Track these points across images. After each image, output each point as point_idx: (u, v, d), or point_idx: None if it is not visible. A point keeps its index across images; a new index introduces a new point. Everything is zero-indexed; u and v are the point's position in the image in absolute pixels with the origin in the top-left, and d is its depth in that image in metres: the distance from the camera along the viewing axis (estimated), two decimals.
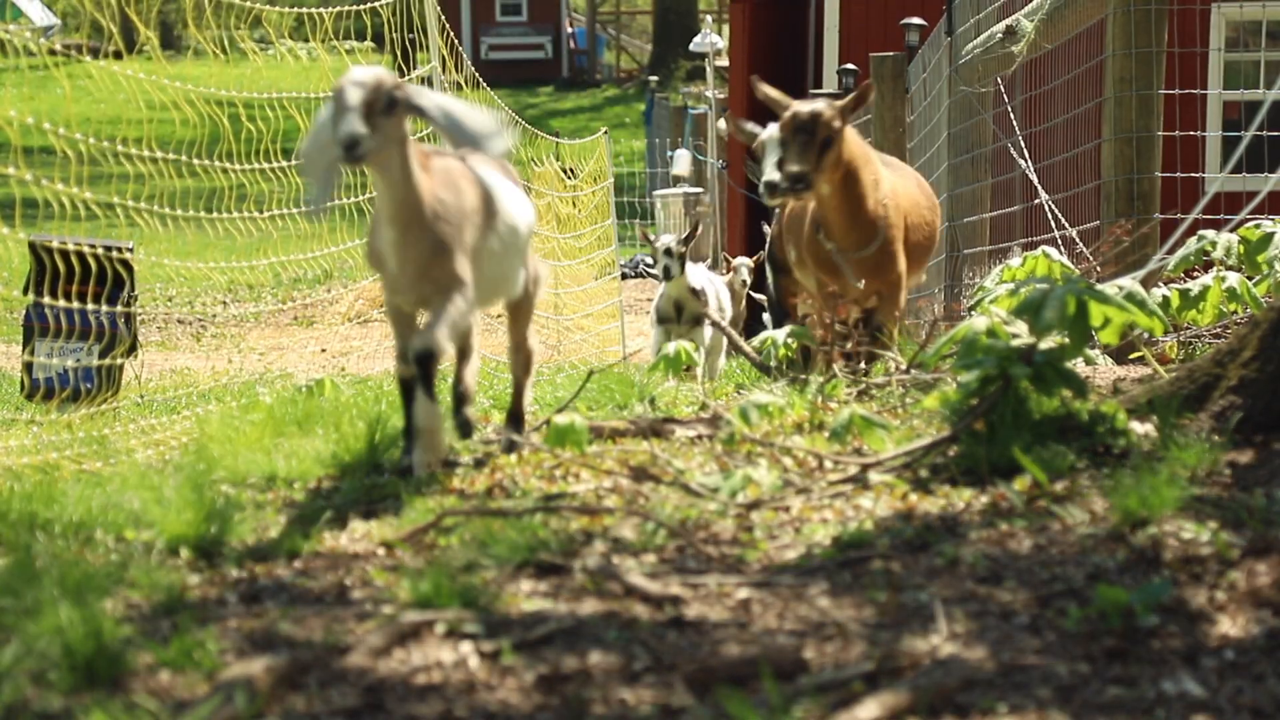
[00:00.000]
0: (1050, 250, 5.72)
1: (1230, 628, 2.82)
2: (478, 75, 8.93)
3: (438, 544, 3.41)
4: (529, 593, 3.10)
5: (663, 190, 22.14)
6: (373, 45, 9.45)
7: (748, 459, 3.96)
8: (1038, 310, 3.79)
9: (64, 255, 5.92)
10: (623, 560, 3.25)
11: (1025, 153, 8.44)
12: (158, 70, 6.01)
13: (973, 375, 3.76)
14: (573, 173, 13.97)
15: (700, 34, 23.13)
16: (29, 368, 6.47)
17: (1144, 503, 3.23)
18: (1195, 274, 5.63)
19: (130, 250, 6.34)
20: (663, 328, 9.12)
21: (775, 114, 5.43)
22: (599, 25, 42.81)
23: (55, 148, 5.34)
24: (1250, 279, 5.46)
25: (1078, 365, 5.31)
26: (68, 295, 5.98)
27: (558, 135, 15.44)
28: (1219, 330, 6.12)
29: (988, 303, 4.55)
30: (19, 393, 6.91)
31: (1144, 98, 6.42)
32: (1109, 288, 3.93)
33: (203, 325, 15.19)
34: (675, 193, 21.42)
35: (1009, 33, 7.85)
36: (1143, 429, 3.81)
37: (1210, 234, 5.64)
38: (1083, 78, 8.14)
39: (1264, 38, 11.13)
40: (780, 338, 5.43)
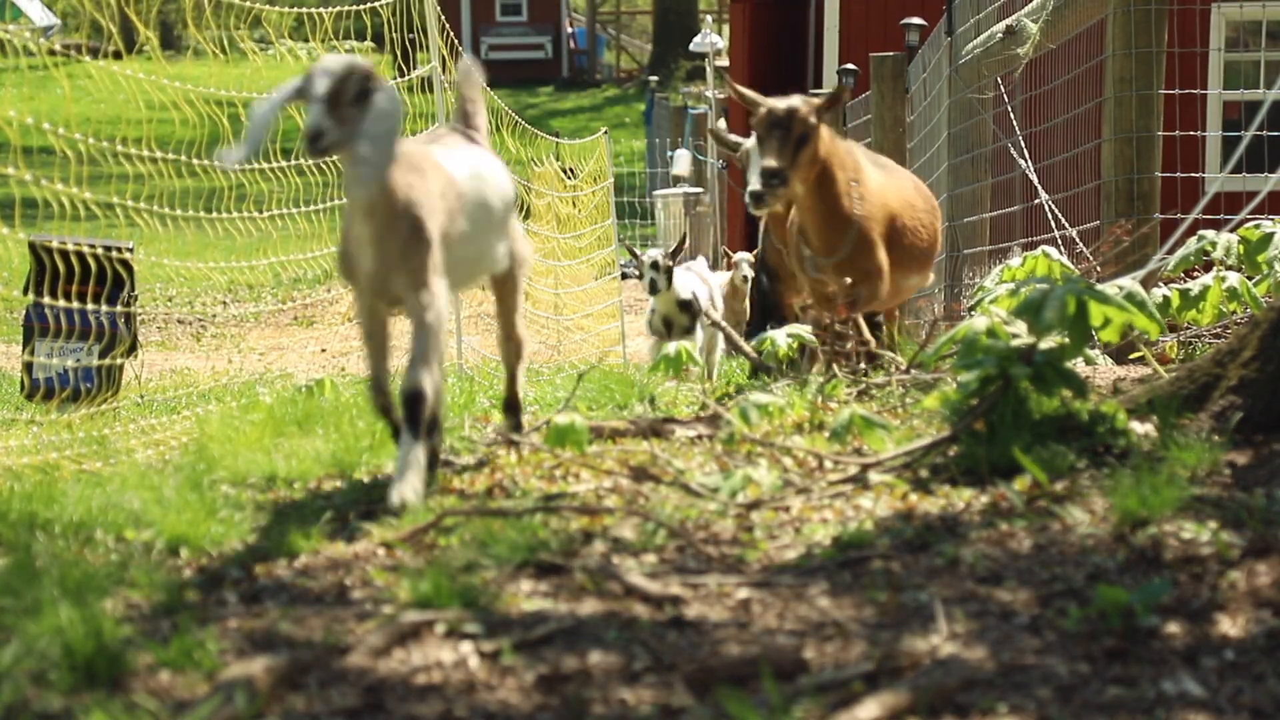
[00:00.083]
0: (1050, 250, 5.71)
1: (1230, 628, 2.82)
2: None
3: (438, 544, 3.41)
4: (529, 593, 3.10)
5: (663, 190, 22.14)
6: (373, 45, 9.44)
7: (748, 459, 3.96)
8: (1038, 310, 3.79)
9: (64, 255, 5.92)
10: (623, 560, 3.25)
11: (1025, 153, 8.44)
12: (158, 70, 6.01)
13: (973, 375, 3.76)
14: (573, 173, 13.98)
15: (700, 34, 23.14)
16: (29, 368, 6.47)
17: (1144, 503, 3.23)
18: (1195, 274, 5.63)
19: (130, 250, 6.34)
20: (654, 341, 9.14)
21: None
22: (599, 25, 42.81)
23: (55, 148, 5.34)
24: (1250, 279, 5.46)
25: (1078, 365, 5.31)
26: (68, 295, 5.98)
27: (558, 135, 15.45)
28: (1219, 330, 6.12)
29: (988, 303, 4.55)
30: (19, 393, 6.91)
31: (1144, 98, 6.42)
32: (1109, 288, 3.93)
33: (203, 325, 15.19)
34: (675, 193, 21.41)
35: (1009, 33, 7.85)
36: (1143, 429, 3.81)
37: (1210, 234, 5.64)
38: (1083, 78, 8.14)
39: (1264, 38, 11.13)
40: (780, 338, 5.43)
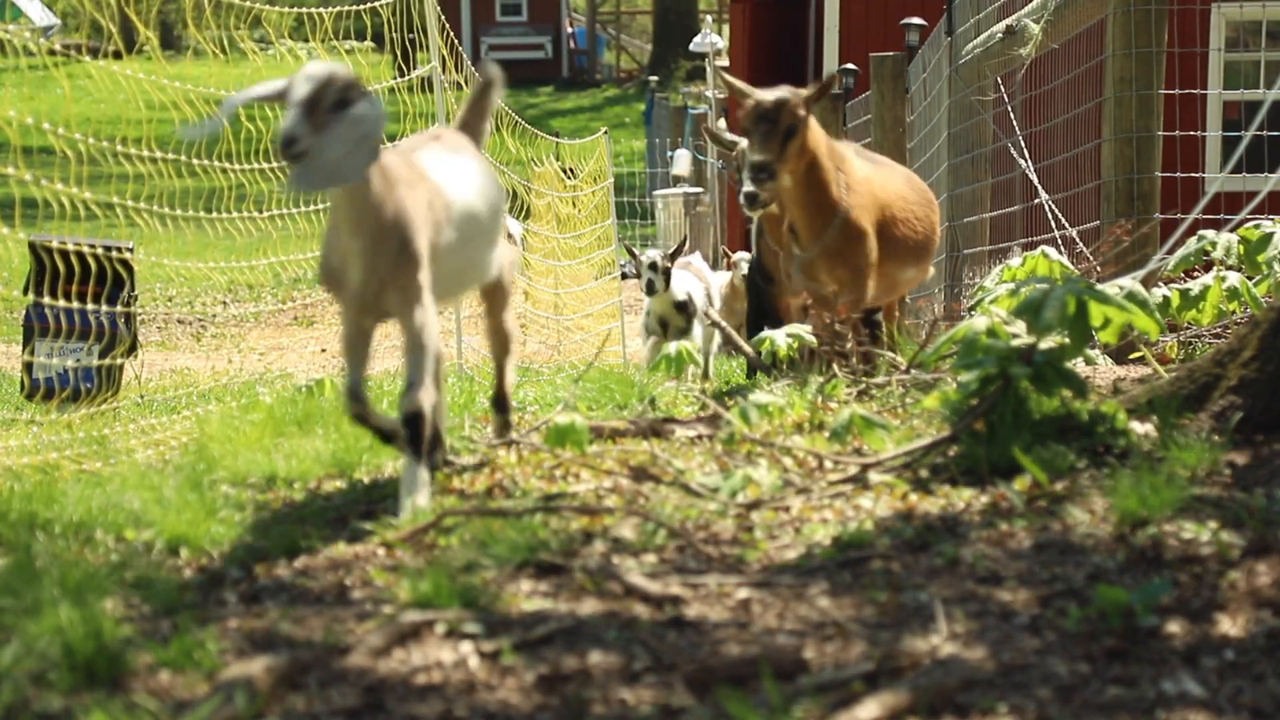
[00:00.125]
0: (1050, 250, 5.71)
1: (1230, 628, 2.81)
2: (478, 75, 8.90)
3: (438, 544, 3.41)
4: (529, 593, 3.10)
5: (663, 190, 22.14)
6: (373, 45, 9.44)
7: (748, 459, 3.96)
8: (1038, 310, 3.79)
9: (64, 255, 5.92)
10: (623, 560, 3.25)
11: (1025, 153, 8.44)
12: (158, 70, 6.01)
13: (973, 375, 3.76)
14: (573, 173, 13.98)
15: (700, 34, 23.12)
16: (29, 368, 6.47)
17: (1144, 503, 3.23)
18: (1195, 274, 5.63)
19: (130, 250, 6.34)
20: (652, 341, 9.11)
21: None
22: (599, 25, 42.81)
23: (55, 148, 5.34)
24: (1250, 279, 5.46)
25: (1078, 365, 5.31)
26: (68, 295, 5.98)
27: (558, 135, 15.44)
28: (1219, 330, 6.12)
29: (988, 303, 4.54)
30: (19, 393, 6.91)
31: (1144, 98, 6.42)
32: (1109, 288, 3.93)
33: (203, 325, 15.18)
34: (675, 193, 21.41)
35: (1009, 33, 7.85)
36: (1143, 429, 3.81)
37: (1210, 234, 5.64)
38: (1083, 78, 8.14)
39: (1264, 38, 11.13)
40: (780, 338, 5.43)
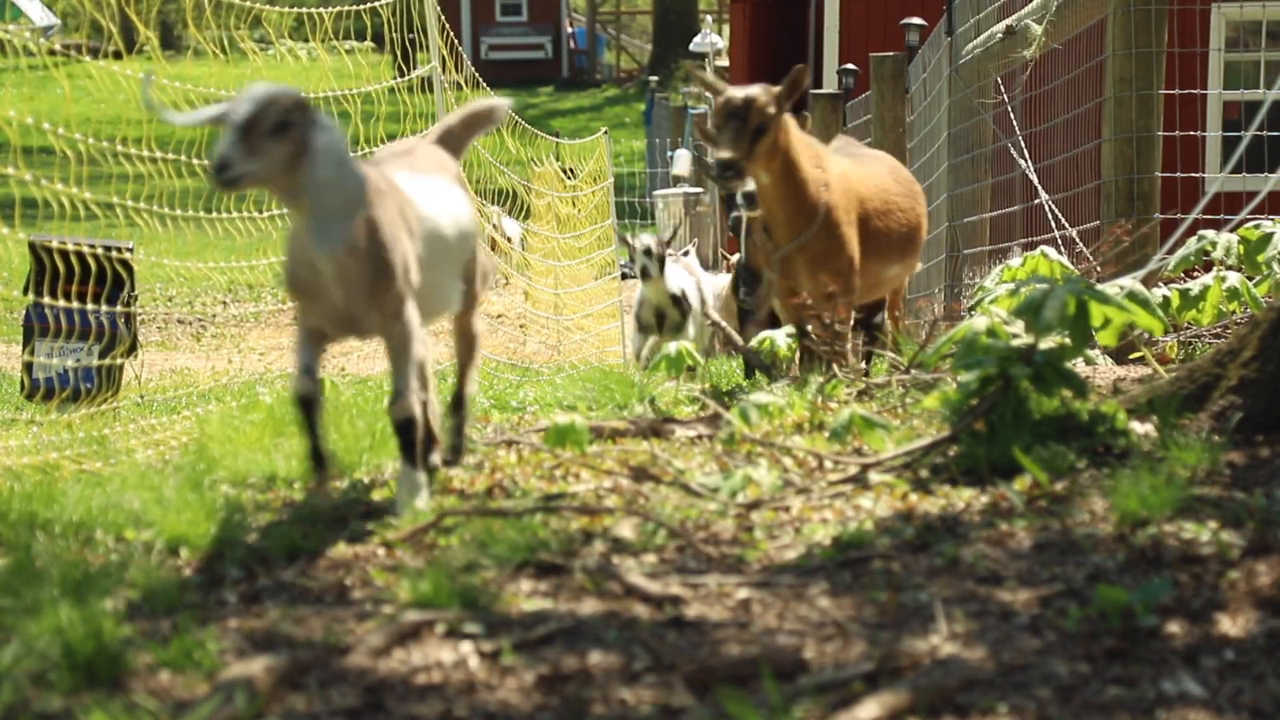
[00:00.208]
0: (1050, 250, 5.71)
1: (1230, 628, 2.81)
2: (478, 75, 8.92)
3: (438, 544, 3.41)
4: (529, 593, 3.10)
5: (663, 190, 22.13)
6: (373, 45, 9.44)
7: (748, 459, 3.96)
8: (1038, 310, 3.79)
9: (64, 255, 5.92)
10: (623, 560, 3.25)
11: (1025, 153, 8.44)
12: (158, 70, 6.00)
13: (973, 375, 3.76)
14: (573, 173, 13.98)
15: (700, 34, 23.14)
16: (29, 368, 6.46)
17: (1144, 503, 3.23)
18: (1195, 274, 5.63)
19: (130, 250, 6.33)
20: (644, 335, 8.94)
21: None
22: (599, 25, 42.80)
23: (55, 148, 5.33)
24: (1250, 279, 5.46)
25: (1078, 365, 5.31)
26: (68, 295, 5.98)
27: (558, 135, 15.44)
28: (1219, 330, 6.11)
29: (988, 303, 4.54)
30: (19, 393, 6.91)
31: (1144, 98, 6.41)
32: (1109, 288, 3.93)
33: (203, 325, 15.17)
34: (675, 193, 21.41)
35: (1009, 33, 7.85)
36: (1143, 429, 3.81)
37: (1210, 234, 5.64)
38: (1083, 78, 8.14)
39: (1264, 38, 11.13)
40: (780, 339, 5.43)
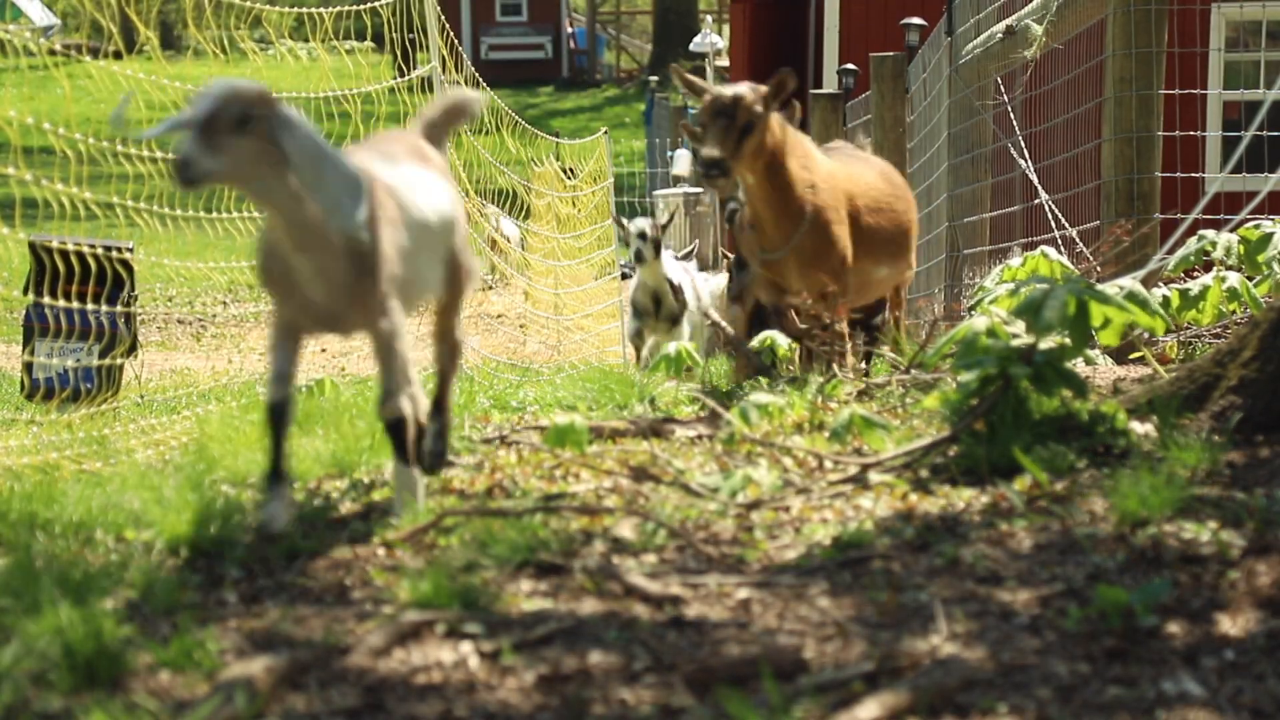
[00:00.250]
0: (1050, 250, 5.71)
1: (1230, 628, 2.82)
2: (478, 75, 8.92)
3: (438, 544, 3.41)
4: (529, 593, 3.10)
5: (663, 190, 22.13)
6: (373, 45, 9.44)
7: (748, 459, 3.96)
8: (1038, 310, 3.79)
9: (64, 255, 5.92)
10: (623, 560, 3.25)
11: (1025, 153, 8.44)
12: (158, 70, 6.01)
13: (973, 375, 3.76)
14: (573, 173, 13.98)
15: (700, 34, 23.14)
16: (29, 368, 6.47)
17: (1144, 503, 3.23)
18: (1195, 274, 5.63)
19: (130, 250, 6.33)
20: (638, 322, 8.90)
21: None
22: (599, 25, 42.80)
23: (55, 148, 5.34)
24: (1250, 279, 5.46)
25: (1078, 365, 5.31)
26: (68, 295, 5.98)
27: (558, 135, 15.45)
28: (1219, 330, 6.11)
29: (988, 303, 4.54)
30: (19, 393, 6.91)
31: (1144, 98, 6.41)
32: (1109, 288, 3.93)
33: (203, 325, 15.17)
34: (675, 193, 21.40)
35: (1010, 33, 7.85)
36: (1143, 429, 3.81)
37: (1210, 234, 5.64)
38: (1083, 78, 8.14)
39: (1264, 38, 11.14)
40: (780, 339, 5.43)
